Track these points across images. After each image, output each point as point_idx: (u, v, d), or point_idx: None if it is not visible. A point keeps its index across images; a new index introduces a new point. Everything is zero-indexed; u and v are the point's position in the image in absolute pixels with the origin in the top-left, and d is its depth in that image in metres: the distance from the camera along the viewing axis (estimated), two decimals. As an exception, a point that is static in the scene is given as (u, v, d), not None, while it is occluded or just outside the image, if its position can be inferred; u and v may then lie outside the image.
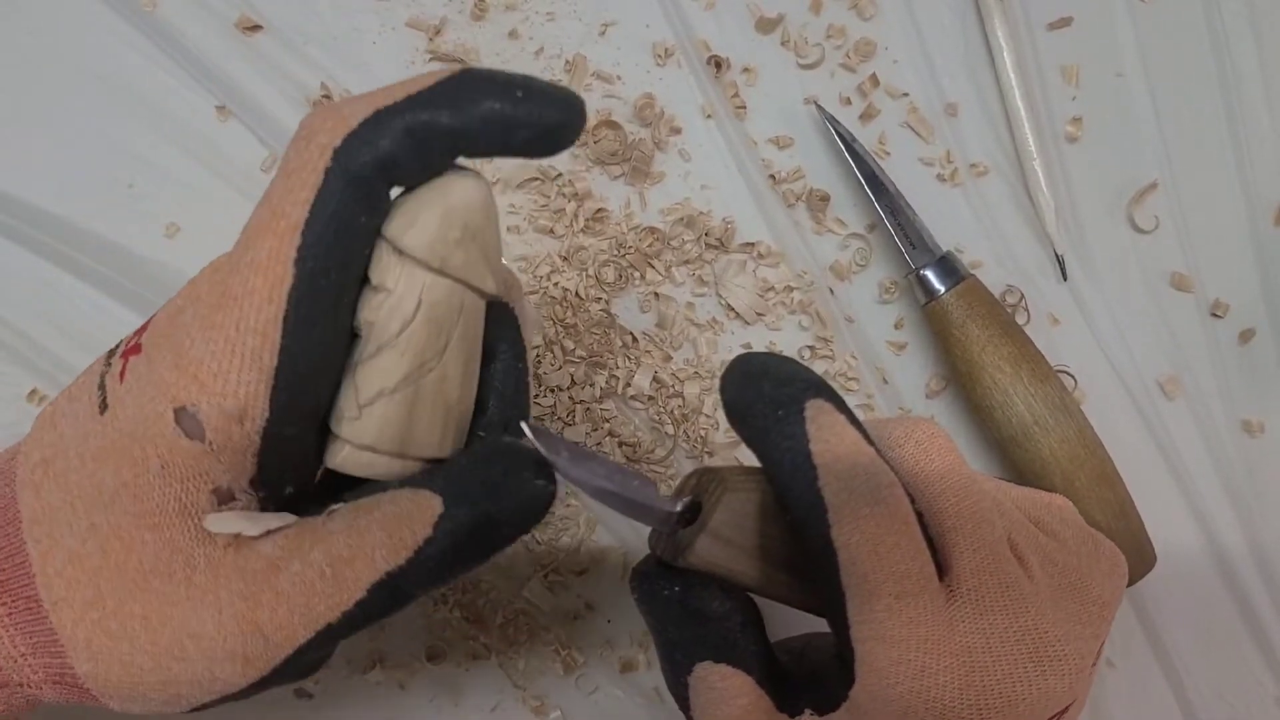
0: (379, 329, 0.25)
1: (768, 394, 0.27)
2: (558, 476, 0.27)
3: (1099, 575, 0.31)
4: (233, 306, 0.24)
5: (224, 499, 0.26)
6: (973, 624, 0.28)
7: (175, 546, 0.26)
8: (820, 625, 0.30)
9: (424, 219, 0.25)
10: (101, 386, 0.27)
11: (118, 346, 0.28)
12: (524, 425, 0.27)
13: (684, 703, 0.31)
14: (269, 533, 0.26)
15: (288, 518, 0.26)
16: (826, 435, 0.27)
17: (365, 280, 0.26)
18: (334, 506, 0.26)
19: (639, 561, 0.32)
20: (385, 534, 0.25)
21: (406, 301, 0.25)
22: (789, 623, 0.38)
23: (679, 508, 0.30)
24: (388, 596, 0.26)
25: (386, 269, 0.25)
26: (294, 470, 0.27)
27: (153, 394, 0.25)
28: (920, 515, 0.28)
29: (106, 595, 0.26)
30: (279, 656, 0.26)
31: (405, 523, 0.25)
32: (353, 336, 0.26)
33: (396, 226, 0.25)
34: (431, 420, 0.27)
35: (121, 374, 0.26)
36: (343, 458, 0.26)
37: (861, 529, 0.27)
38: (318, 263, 0.24)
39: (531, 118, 0.24)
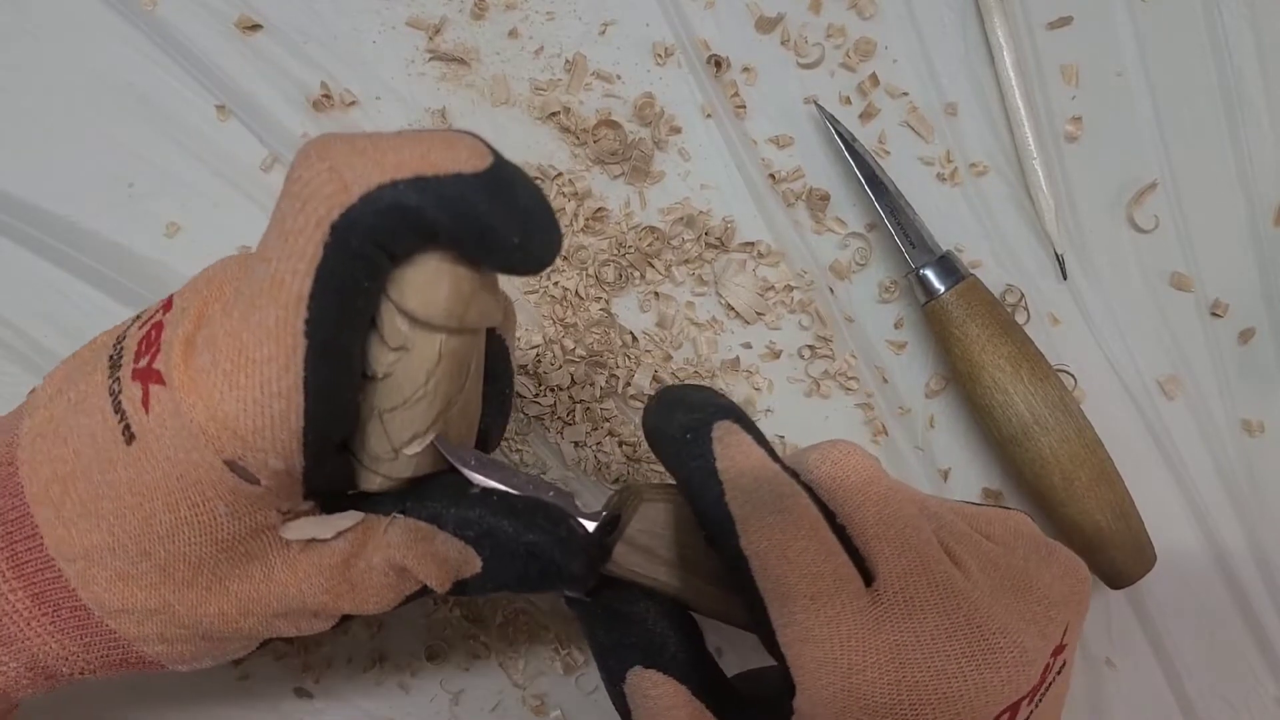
0: (401, 381, 0.26)
1: (680, 420, 0.29)
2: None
3: (1048, 576, 0.31)
4: (254, 370, 0.25)
5: (288, 516, 0.28)
6: (901, 623, 0.28)
7: (250, 555, 0.28)
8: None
9: (435, 292, 0.25)
10: (118, 410, 0.27)
11: (119, 353, 0.28)
12: (435, 440, 0.28)
13: (626, 716, 0.32)
14: (340, 533, 0.28)
15: (354, 516, 0.29)
16: (732, 453, 0.29)
17: (372, 324, 0.26)
18: (395, 515, 0.29)
19: None
20: (435, 567, 0.29)
21: (428, 357, 0.26)
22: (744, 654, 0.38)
23: (594, 526, 0.31)
24: (424, 595, 0.31)
25: (402, 332, 0.26)
26: (336, 484, 0.29)
27: (194, 443, 0.26)
28: (844, 529, 0.29)
29: (175, 604, 0.28)
30: (353, 617, 0.31)
31: (449, 567, 0.29)
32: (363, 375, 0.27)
33: (409, 299, 0.25)
34: (456, 439, 0.29)
35: (144, 402, 0.26)
36: (379, 485, 0.28)
37: (768, 536, 0.28)
38: (328, 333, 0.24)
39: (510, 262, 0.25)
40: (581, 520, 0.30)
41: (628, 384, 0.43)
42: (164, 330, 0.27)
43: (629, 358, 0.44)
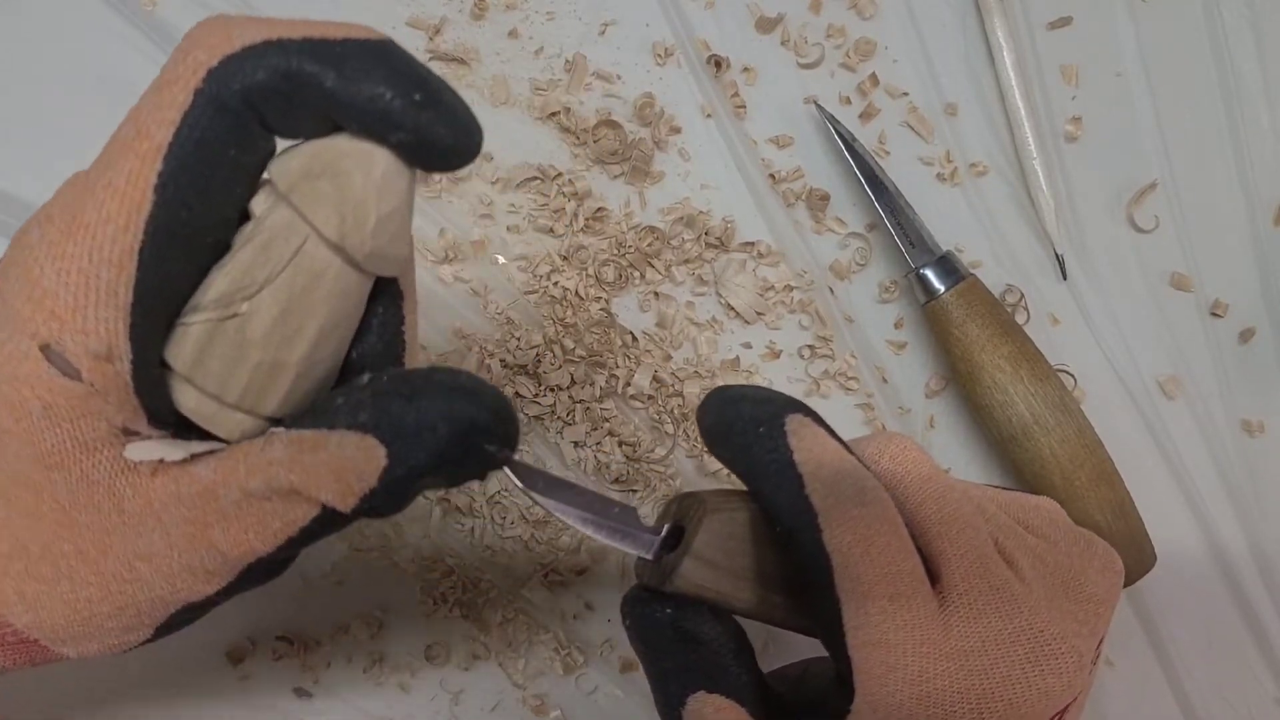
0: (247, 272, 0.24)
1: (747, 414, 0.28)
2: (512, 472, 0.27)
3: (1093, 572, 0.31)
4: (85, 235, 0.22)
5: (129, 436, 0.24)
6: (967, 627, 0.28)
7: (91, 480, 0.24)
8: (816, 649, 0.30)
9: (295, 150, 0.24)
10: None
11: None
12: (504, 466, 0.26)
13: None
14: (195, 456, 0.24)
15: (214, 443, 0.25)
16: (809, 445, 0.28)
17: (245, 219, 0.24)
18: (273, 430, 0.25)
19: (629, 589, 0.32)
20: (332, 478, 0.24)
21: (254, 225, 0.24)
22: (789, 647, 0.38)
23: (662, 533, 0.30)
24: (340, 520, 0.25)
25: (256, 199, 0.24)
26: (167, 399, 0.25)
27: (11, 330, 0.23)
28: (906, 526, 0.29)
29: (28, 542, 0.25)
30: (239, 567, 0.25)
31: (352, 471, 0.24)
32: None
33: (276, 171, 0.24)
34: (229, 355, 0.24)
35: None
36: (176, 394, 0.25)
37: (853, 529, 0.27)
38: (179, 191, 0.22)
39: (414, 124, 0.22)
40: (645, 534, 0.29)
41: (628, 384, 0.43)
42: None
43: (629, 358, 0.44)
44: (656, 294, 0.45)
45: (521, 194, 0.45)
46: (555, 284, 0.44)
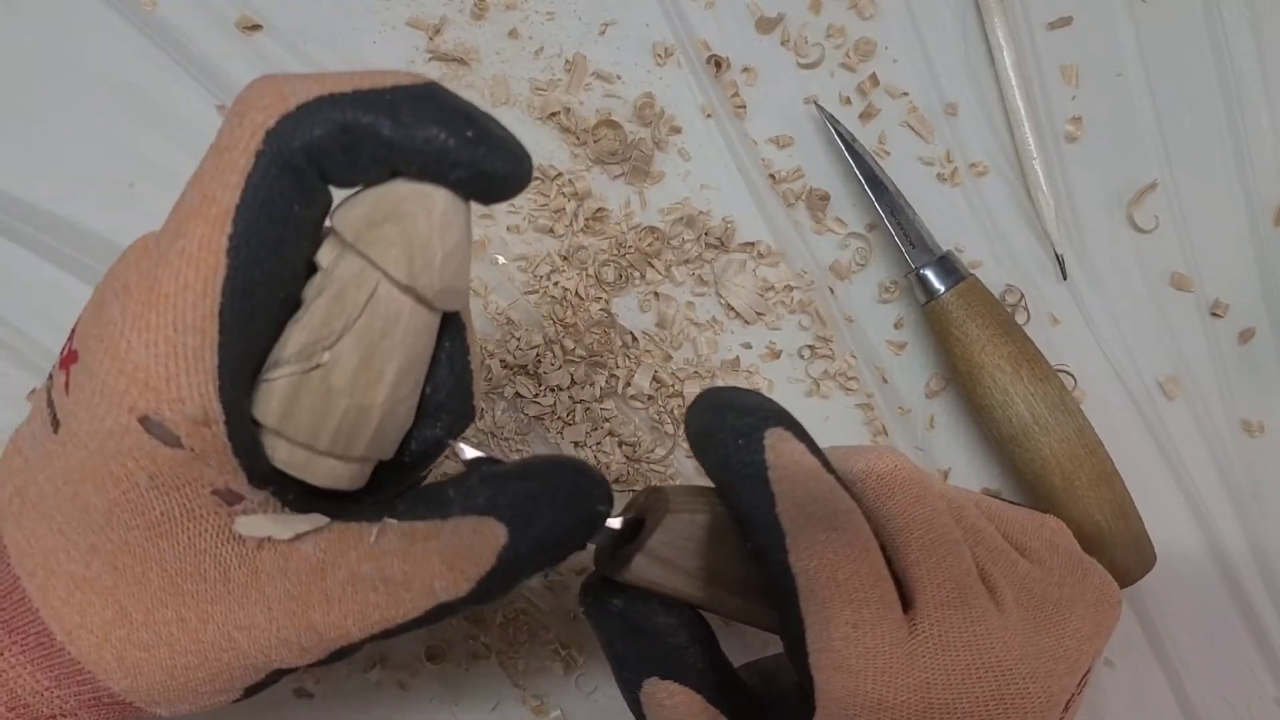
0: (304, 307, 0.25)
1: (729, 423, 0.28)
2: None
3: (1082, 607, 0.31)
4: (166, 304, 0.23)
5: (231, 500, 0.25)
6: (934, 659, 0.27)
7: (199, 549, 0.25)
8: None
9: (356, 199, 0.24)
10: (50, 404, 0.25)
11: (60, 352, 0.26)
12: (451, 443, 0.27)
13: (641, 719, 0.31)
14: (300, 536, 0.25)
15: (318, 519, 0.26)
16: (785, 461, 0.27)
17: (312, 271, 0.25)
18: (387, 520, 0.26)
19: (587, 575, 0.32)
20: (445, 566, 0.25)
21: (324, 276, 0.24)
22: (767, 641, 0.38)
23: (619, 525, 0.30)
24: (441, 613, 0.26)
25: (322, 251, 0.25)
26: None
27: (106, 406, 0.23)
28: (884, 548, 0.28)
29: (131, 610, 0.25)
30: (333, 648, 0.26)
31: (468, 556, 0.25)
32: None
33: (339, 221, 0.24)
34: (316, 406, 0.25)
35: (66, 386, 0.24)
36: (269, 449, 0.25)
37: (819, 554, 0.27)
38: (251, 252, 0.23)
39: (471, 160, 0.23)
40: (606, 522, 0.29)
41: (628, 384, 0.43)
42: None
43: (629, 358, 0.44)
44: (656, 294, 0.45)
45: (521, 194, 0.45)
46: (555, 284, 0.44)
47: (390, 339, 0.25)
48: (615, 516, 0.30)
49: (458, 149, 0.23)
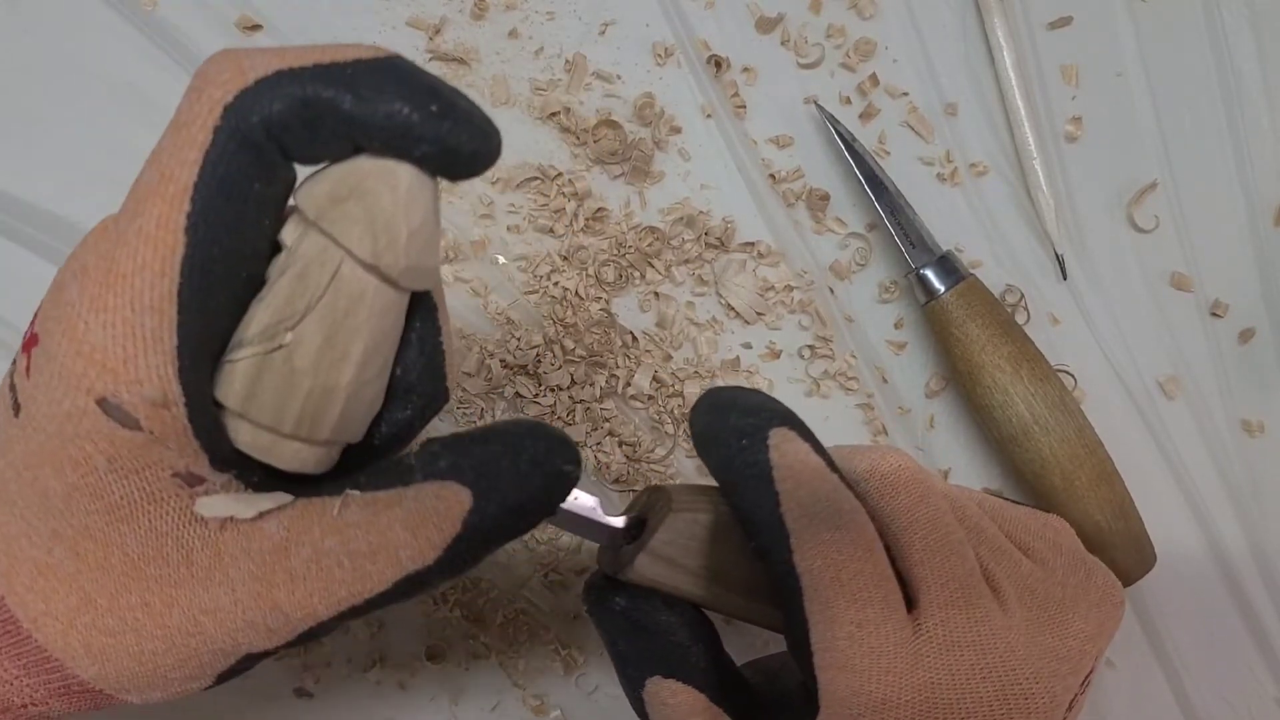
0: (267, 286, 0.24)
1: (733, 423, 0.28)
2: None
3: (1085, 607, 0.31)
4: (124, 284, 0.22)
5: (192, 483, 0.24)
6: (938, 659, 0.27)
7: (160, 532, 0.25)
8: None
9: (319, 176, 0.24)
10: (13, 389, 0.25)
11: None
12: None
13: (644, 718, 0.31)
14: (264, 514, 0.25)
15: (282, 497, 0.25)
16: (789, 461, 0.27)
17: (277, 251, 0.25)
18: (349, 492, 0.25)
19: (590, 574, 0.32)
20: (410, 534, 0.25)
21: (287, 255, 0.24)
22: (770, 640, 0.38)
23: (622, 524, 0.30)
24: (410, 587, 0.25)
25: (286, 229, 0.24)
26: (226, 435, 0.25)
27: (64, 388, 0.23)
28: (888, 547, 0.28)
29: (95, 595, 0.25)
30: (301, 629, 0.26)
31: (432, 521, 0.25)
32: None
33: (301, 197, 0.24)
34: (279, 387, 0.24)
35: (27, 370, 0.24)
36: (232, 431, 0.25)
37: (824, 554, 0.27)
38: (210, 230, 0.22)
39: (435, 134, 0.22)
40: (606, 524, 0.29)
41: (628, 384, 0.43)
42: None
43: (629, 358, 0.44)
44: (656, 294, 0.45)
45: (521, 194, 0.45)
46: (555, 284, 0.44)
47: (354, 319, 0.24)
48: (618, 515, 0.30)
49: (421, 123, 0.22)
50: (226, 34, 0.44)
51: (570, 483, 0.26)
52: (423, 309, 0.26)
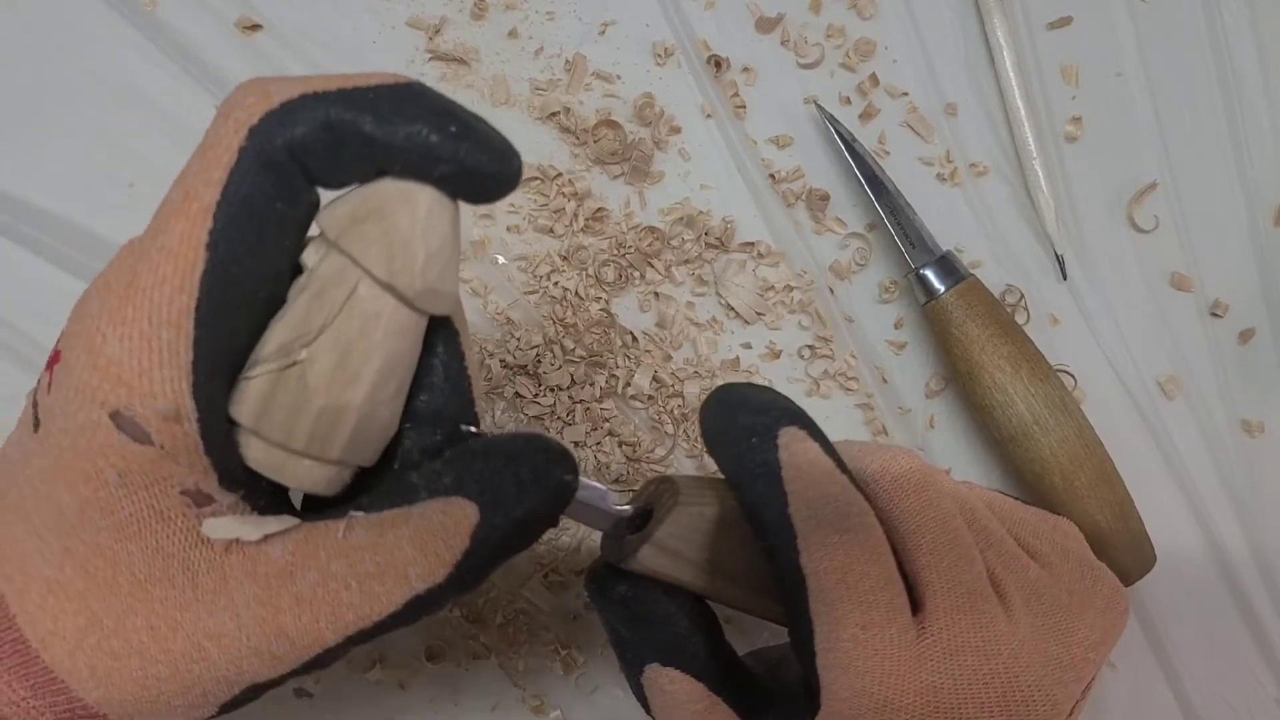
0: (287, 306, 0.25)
1: (743, 422, 0.28)
2: None
3: (1090, 614, 0.31)
4: (143, 298, 0.22)
5: (200, 502, 0.24)
6: (941, 663, 0.27)
7: (166, 553, 0.24)
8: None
9: (341, 199, 0.24)
10: (35, 405, 0.25)
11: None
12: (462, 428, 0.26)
13: (645, 704, 0.31)
14: (269, 537, 0.25)
15: (288, 520, 0.25)
16: (799, 462, 0.27)
17: (299, 273, 0.25)
18: (353, 514, 0.25)
19: (592, 562, 0.32)
20: (419, 552, 0.24)
21: (307, 275, 0.24)
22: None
23: (629, 513, 0.30)
24: (420, 607, 0.25)
25: (308, 251, 0.25)
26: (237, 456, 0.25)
27: (80, 401, 0.23)
28: (896, 549, 0.28)
29: (103, 616, 0.25)
30: (306, 656, 0.26)
31: (440, 538, 0.24)
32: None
33: (324, 219, 0.24)
34: (292, 404, 0.24)
35: (49, 386, 0.24)
36: (244, 448, 0.25)
37: (831, 555, 0.27)
38: (231, 248, 0.23)
39: (456, 156, 0.23)
40: (611, 513, 0.29)
41: (628, 384, 0.43)
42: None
43: (629, 358, 0.44)
44: (656, 294, 0.45)
45: (521, 194, 0.45)
46: (555, 284, 0.44)
47: (369, 339, 0.24)
48: (624, 505, 0.30)
49: (441, 144, 0.23)
50: (226, 34, 0.44)
51: (570, 493, 0.27)
52: (446, 334, 0.27)
